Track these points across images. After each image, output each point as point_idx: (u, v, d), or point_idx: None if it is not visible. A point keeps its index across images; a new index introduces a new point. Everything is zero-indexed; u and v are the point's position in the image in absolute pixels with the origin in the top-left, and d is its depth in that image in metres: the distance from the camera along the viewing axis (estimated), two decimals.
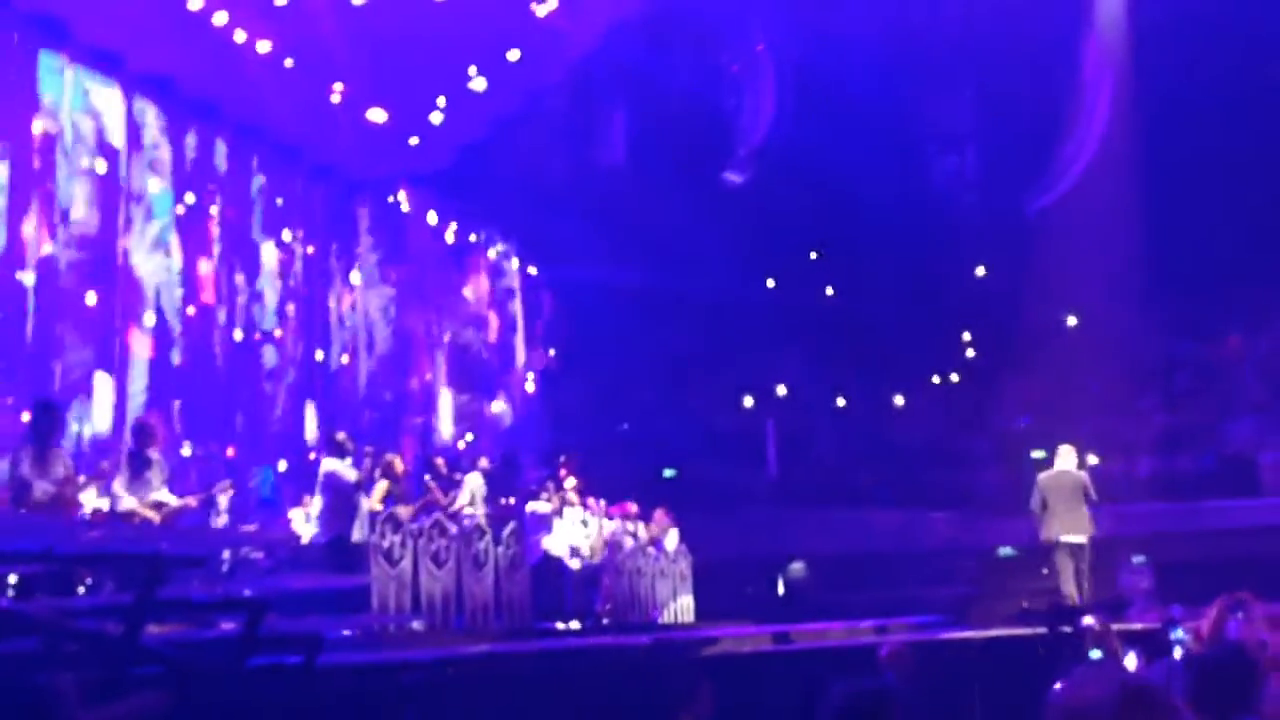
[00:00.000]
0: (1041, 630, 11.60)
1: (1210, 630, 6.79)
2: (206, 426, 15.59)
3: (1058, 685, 2.61)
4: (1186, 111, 19.00)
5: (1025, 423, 24.09)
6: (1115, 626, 10.46)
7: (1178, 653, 7.95)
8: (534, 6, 16.38)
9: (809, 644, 11.95)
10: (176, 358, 15.47)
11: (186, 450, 14.99)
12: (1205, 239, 20.65)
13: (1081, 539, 13.37)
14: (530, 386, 22.54)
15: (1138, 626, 11.45)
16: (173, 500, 10.55)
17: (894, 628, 13.79)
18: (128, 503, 10.24)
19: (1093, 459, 22.48)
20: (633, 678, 9.30)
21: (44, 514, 9.00)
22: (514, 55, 16.91)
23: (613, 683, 9.07)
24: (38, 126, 13.76)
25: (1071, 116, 20.98)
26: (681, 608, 17.06)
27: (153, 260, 15.31)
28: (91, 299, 14.30)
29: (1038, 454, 19.02)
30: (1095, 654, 8.48)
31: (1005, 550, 19.09)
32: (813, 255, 24.33)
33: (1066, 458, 13.84)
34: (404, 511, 12.40)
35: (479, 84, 17.10)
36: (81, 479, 9.92)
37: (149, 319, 15.23)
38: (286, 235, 17.61)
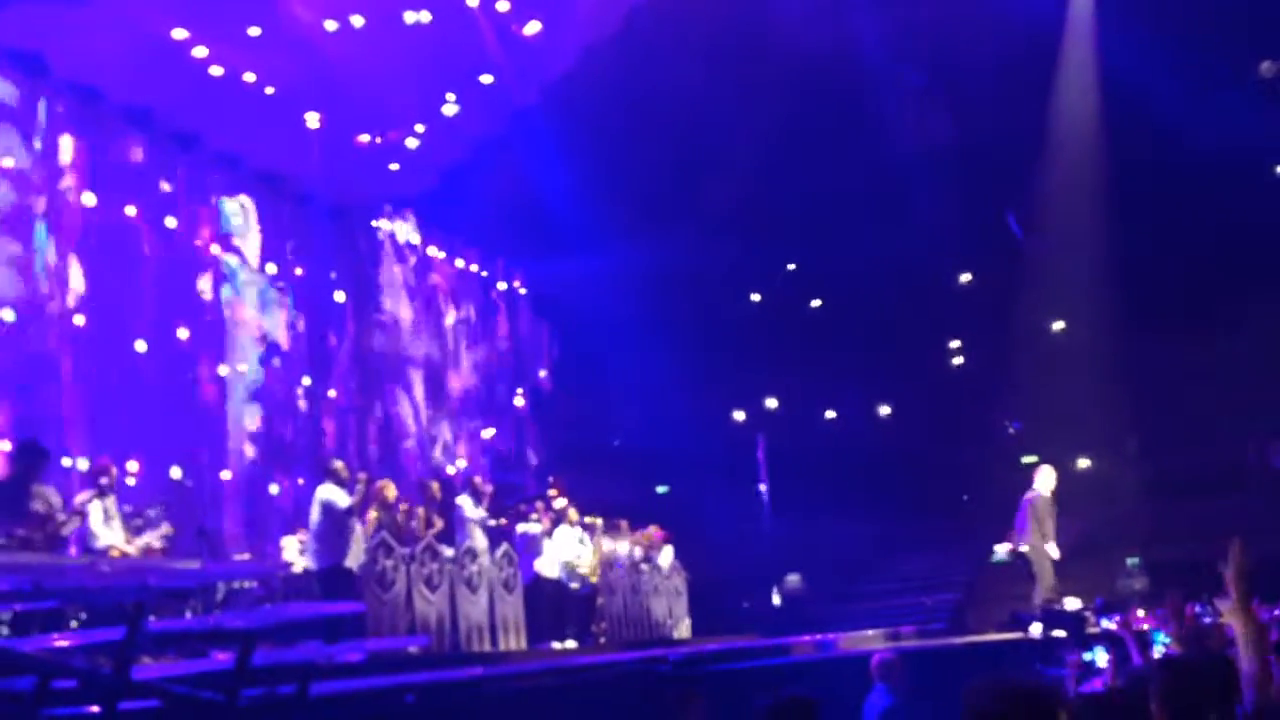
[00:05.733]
0: (1035, 634, 11.64)
1: (1187, 630, 6.82)
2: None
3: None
4: (1162, 115, 19.09)
5: (1016, 428, 24.14)
6: (1109, 627, 10.50)
7: (1158, 651, 7.99)
8: (516, 27, 16.48)
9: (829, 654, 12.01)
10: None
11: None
12: (1188, 237, 20.75)
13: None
14: (520, 401, 22.55)
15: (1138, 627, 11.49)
16: (139, 540, 10.62)
17: (904, 635, 13.89)
18: (106, 539, 10.26)
19: (1084, 462, 22.58)
20: (629, 694, 9.30)
21: (28, 552, 8.97)
22: (487, 79, 17.01)
23: (610, 700, 9.06)
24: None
25: (1050, 121, 21.11)
26: (678, 624, 17.05)
27: None
28: None
29: (1029, 459, 19.06)
30: (1087, 656, 8.51)
31: (998, 555, 19.09)
32: (790, 267, 24.42)
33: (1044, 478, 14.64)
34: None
35: (452, 109, 17.19)
36: (61, 516, 9.86)
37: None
38: (271, 268, 17.59)
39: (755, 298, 24.85)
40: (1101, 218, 20.95)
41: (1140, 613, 11.92)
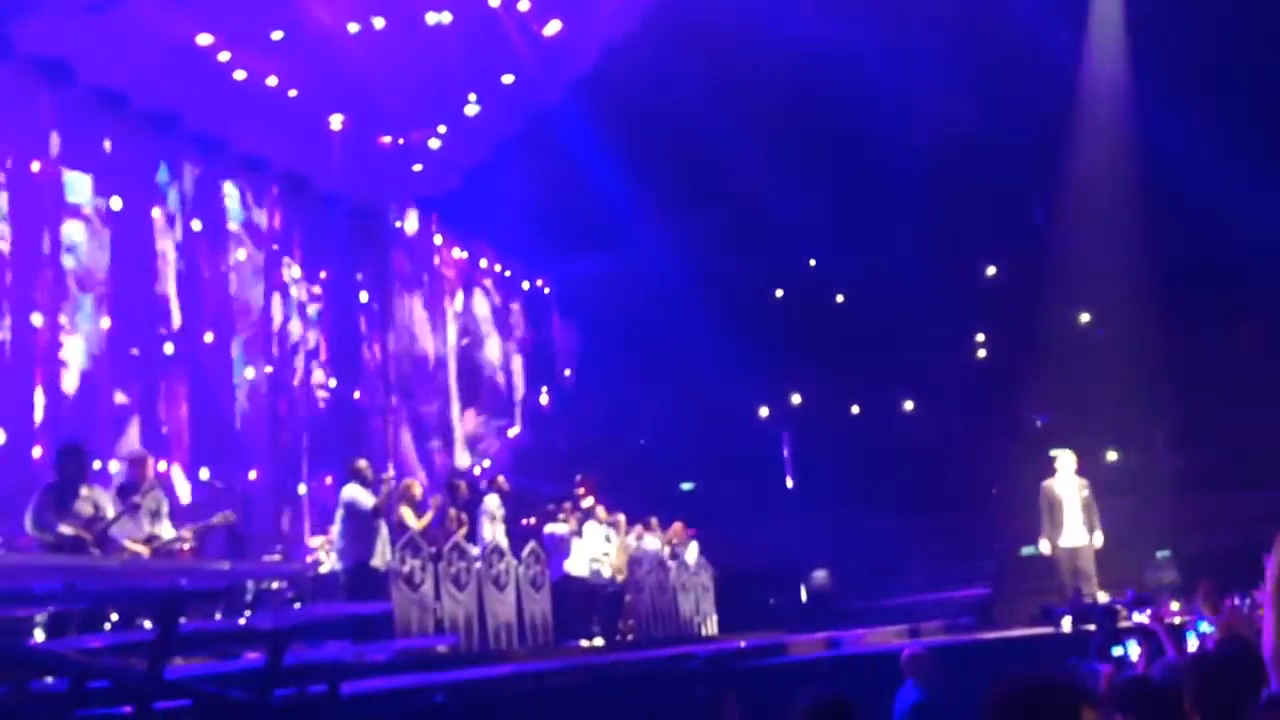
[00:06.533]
0: (1065, 629, 11.58)
1: (1224, 621, 6.77)
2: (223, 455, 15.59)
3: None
4: (1190, 100, 18.94)
5: (1043, 421, 24.01)
6: (1141, 620, 10.44)
7: (1193, 643, 7.93)
8: (537, 27, 16.52)
9: (850, 650, 11.98)
10: None
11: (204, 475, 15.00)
12: (1216, 225, 20.57)
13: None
14: (545, 399, 22.60)
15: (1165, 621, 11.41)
16: (167, 535, 10.62)
17: (926, 630, 13.83)
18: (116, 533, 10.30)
19: (1112, 454, 22.43)
20: (658, 692, 9.30)
21: (68, 553, 9.07)
22: (509, 79, 17.05)
23: (638, 698, 9.07)
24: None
25: (1075, 113, 20.97)
26: (705, 620, 17.05)
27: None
28: None
29: (1057, 452, 18.97)
30: (1118, 650, 8.47)
31: (1029, 549, 19.01)
32: (812, 262, 24.37)
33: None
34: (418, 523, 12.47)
35: (474, 109, 17.25)
36: (117, 511, 10.00)
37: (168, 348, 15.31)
38: (296, 271, 17.67)
39: (778, 294, 24.82)
40: (1128, 207, 20.80)
41: (1174, 605, 11.84)
